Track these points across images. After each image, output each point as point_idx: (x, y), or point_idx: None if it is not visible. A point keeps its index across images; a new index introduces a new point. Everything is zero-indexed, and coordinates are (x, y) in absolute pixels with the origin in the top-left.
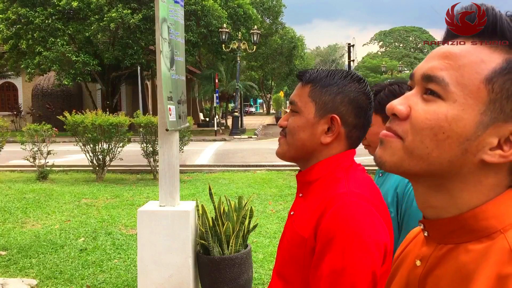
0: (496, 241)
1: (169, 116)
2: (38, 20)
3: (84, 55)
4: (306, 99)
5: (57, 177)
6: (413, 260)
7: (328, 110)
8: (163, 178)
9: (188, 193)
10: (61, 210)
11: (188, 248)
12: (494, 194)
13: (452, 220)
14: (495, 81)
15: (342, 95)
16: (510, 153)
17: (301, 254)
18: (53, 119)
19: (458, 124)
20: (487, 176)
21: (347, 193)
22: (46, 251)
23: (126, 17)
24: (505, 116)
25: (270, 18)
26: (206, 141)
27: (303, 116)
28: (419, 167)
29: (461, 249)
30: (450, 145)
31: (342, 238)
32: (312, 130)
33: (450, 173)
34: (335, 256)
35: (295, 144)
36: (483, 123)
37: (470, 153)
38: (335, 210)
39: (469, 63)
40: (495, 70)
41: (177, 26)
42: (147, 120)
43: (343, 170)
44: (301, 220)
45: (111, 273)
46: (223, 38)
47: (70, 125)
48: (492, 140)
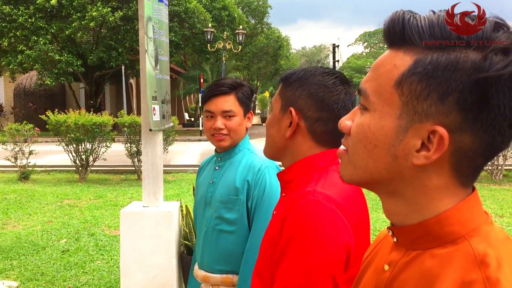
0: (460, 246)
1: (153, 116)
2: (21, 19)
3: (68, 55)
4: (277, 97)
5: (39, 177)
6: (381, 264)
7: (289, 104)
8: (147, 179)
9: (172, 194)
10: (43, 211)
11: (172, 249)
12: (450, 197)
13: (417, 227)
14: (403, 84)
15: (302, 89)
16: (431, 153)
17: (271, 252)
18: (35, 118)
19: (380, 132)
20: (430, 179)
21: (311, 192)
22: (27, 252)
23: (106, 15)
24: (420, 116)
25: (256, 19)
26: (191, 141)
27: (273, 113)
28: (365, 177)
29: (427, 255)
30: (380, 153)
31: (299, 238)
32: (279, 125)
33: (394, 180)
34: (293, 255)
35: (268, 140)
36: (401, 127)
37: (400, 159)
38: (297, 209)
39: (384, 71)
40: (404, 73)
41: (162, 25)
42: (131, 119)
43: (318, 171)
44: (275, 219)
45: (93, 274)
46: (208, 38)
47: (53, 124)
48: (415, 143)
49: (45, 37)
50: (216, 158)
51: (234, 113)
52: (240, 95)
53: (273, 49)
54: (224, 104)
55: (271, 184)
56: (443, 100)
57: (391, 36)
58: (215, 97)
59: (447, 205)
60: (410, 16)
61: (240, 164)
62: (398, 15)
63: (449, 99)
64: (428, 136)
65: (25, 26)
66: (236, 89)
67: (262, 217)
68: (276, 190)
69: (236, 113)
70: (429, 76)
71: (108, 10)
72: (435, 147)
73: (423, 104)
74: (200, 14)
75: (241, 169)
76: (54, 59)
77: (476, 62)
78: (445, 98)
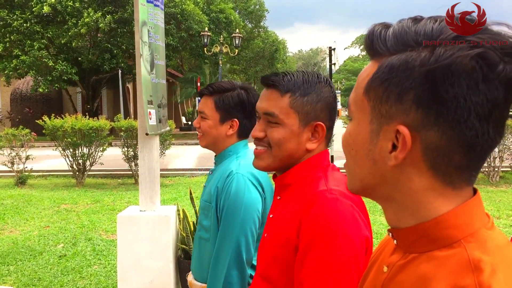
0: (456, 251)
1: (149, 120)
2: (16, 23)
3: (62, 62)
4: (288, 110)
5: (36, 182)
6: (382, 265)
7: (311, 118)
8: (144, 183)
9: (170, 197)
10: (40, 216)
11: (169, 253)
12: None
13: (414, 229)
14: (370, 90)
15: (322, 102)
16: (398, 152)
17: (285, 254)
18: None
19: (358, 138)
20: (412, 181)
21: (328, 190)
22: (24, 258)
23: (98, 21)
24: (386, 118)
25: (253, 22)
26: (188, 144)
27: (287, 128)
28: (358, 184)
29: (424, 258)
30: (361, 158)
31: (326, 235)
32: (298, 139)
33: (382, 185)
34: (321, 252)
35: (282, 155)
36: (374, 131)
37: (379, 162)
38: (317, 208)
39: (360, 81)
40: (369, 79)
41: (157, 30)
42: (128, 124)
43: (322, 170)
44: (282, 222)
45: (91, 279)
46: (204, 42)
47: (49, 129)
48: (386, 144)
49: (40, 42)
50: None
51: (206, 115)
52: (218, 100)
53: (270, 53)
54: (201, 105)
55: (236, 191)
56: (401, 100)
57: (368, 49)
58: (201, 96)
59: (439, 208)
60: (380, 28)
61: (220, 170)
62: (370, 29)
63: (406, 98)
64: (396, 137)
65: (20, 31)
66: (216, 93)
67: (226, 227)
68: (242, 198)
69: (208, 116)
70: (386, 78)
71: (99, 15)
72: (400, 146)
73: (386, 106)
74: (197, 16)
75: (218, 175)
76: (49, 66)
77: (425, 58)
78: (402, 97)
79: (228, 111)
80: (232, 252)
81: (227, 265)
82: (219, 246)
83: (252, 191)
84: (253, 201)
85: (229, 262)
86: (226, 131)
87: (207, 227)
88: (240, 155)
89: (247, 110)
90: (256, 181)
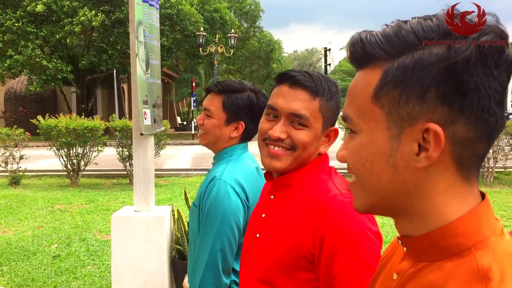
0: (466, 259)
1: (144, 120)
2: (9, 23)
3: (57, 60)
4: (317, 114)
5: (30, 182)
6: (391, 272)
7: (330, 123)
8: (138, 183)
9: (164, 198)
10: (34, 216)
11: (164, 253)
12: (456, 198)
13: (423, 239)
14: (380, 96)
15: (337, 108)
16: (431, 151)
17: (295, 257)
18: (26, 123)
19: (373, 148)
20: (435, 181)
21: (341, 194)
22: (17, 258)
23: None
24: (407, 121)
25: (248, 22)
26: (184, 144)
27: (313, 131)
28: (375, 198)
29: (434, 267)
30: (379, 168)
31: (351, 239)
32: (318, 143)
33: (399, 193)
34: (349, 257)
35: (303, 158)
36: (393, 136)
37: (402, 168)
38: (337, 214)
39: (359, 92)
40: (376, 86)
41: (152, 29)
42: (123, 124)
43: (324, 172)
44: (285, 225)
45: (85, 280)
46: (200, 42)
47: (44, 129)
48: (412, 147)
49: (33, 42)
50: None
51: (212, 113)
52: (226, 100)
53: (265, 53)
54: (207, 102)
55: (216, 198)
56: (424, 98)
57: (355, 58)
58: (208, 92)
59: (454, 210)
60: (366, 34)
61: (210, 172)
62: (355, 37)
63: (429, 96)
64: (423, 137)
65: (13, 30)
66: (225, 93)
67: (204, 232)
68: (221, 205)
69: (213, 115)
70: (401, 80)
71: (93, 14)
72: (433, 144)
73: (406, 107)
74: (192, 16)
75: (207, 178)
76: (43, 65)
77: (440, 54)
78: (425, 96)
79: (236, 113)
80: (208, 259)
81: (202, 272)
82: (197, 252)
83: (233, 198)
84: (232, 209)
85: (204, 270)
86: (230, 133)
87: (194, 230)
88: (232, 158)
89: (255, 113)
90: (239, 187)
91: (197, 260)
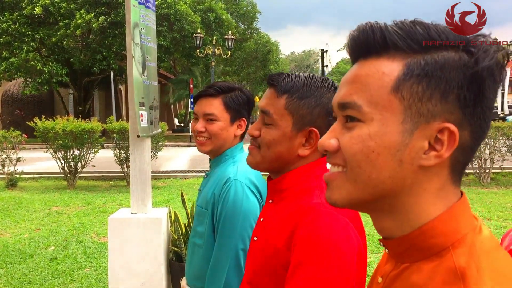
0: (444, 259)
1: (140, 122)
2: (5, 25)
3: (52, 63)
4: (283, 112)
5: (27, 184)
6: (377, 276)
7: (306, 123)
8: (135, 185)
9: (162, 200)
10: (31, 218)
11: (161, 255)
12: (443, 199)
13: (402, 240)
14: (402, 89)
15: (320, 108)
16: (444, 151)
17: (274, 265)
18: (23, 125)
19: (383, 139)
20: (430, 181)
21: (322, 203)
22: (14, 260)
23: (90, 21)
24: (425, 117)
25: (245, 24)
26: (181, 146)
27: (279, 129)
28: (367, 193)
29: (414, 268)
30: (384, 161)
31: (318, 250)
32: (289, 143)
33: (397, 190)
34: (312, 269)
35: (271, 156)
36: (406, 130)
37: (406, 163)
38: (311, 222)
39: (373, 81)
40: (399, 78)
41: (149, 31)
42: (120, 125)
43: (316, 179)
44: (273, 229)
45: (82, 282)
46: (197, 44)
47: (40, 131)
48: (422, 144)
49: (29, 44)
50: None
51: (216, 117)
52: (227, 100)
53: (262, 54)
54: (207, 107)
55: (235, 199)
56: (446, 99)
57: (370, 44)
58: (201, 98)
59: (438, 210)
60: (383, 25)
61: (217, 175)
62: (369, 26)
63: (451, 97)
64: (436, 136)
65: (9, 32)
66: (224, 93)
67: (225, 234)
68: (241, 205)
69: (218, 117)
70: (429, 76)
71: (92, 16)
72: (446, 144)
73: (428, 104)
74: (189, 16)
75: (215, 180)
76: (37, 69)
77: (466, 60)
78: (447, 96)
79: (238, 110)
80: (231, 260)
81: (226, 273)
82: (217, 253)
83: (251, 198)
84: (252, 208)
85: (228, 270)
86: (234, 132)
87: (201, 233)
88: (236, 159)
89: (251, 108)
90: (254, 187)
91: (217, 262)
